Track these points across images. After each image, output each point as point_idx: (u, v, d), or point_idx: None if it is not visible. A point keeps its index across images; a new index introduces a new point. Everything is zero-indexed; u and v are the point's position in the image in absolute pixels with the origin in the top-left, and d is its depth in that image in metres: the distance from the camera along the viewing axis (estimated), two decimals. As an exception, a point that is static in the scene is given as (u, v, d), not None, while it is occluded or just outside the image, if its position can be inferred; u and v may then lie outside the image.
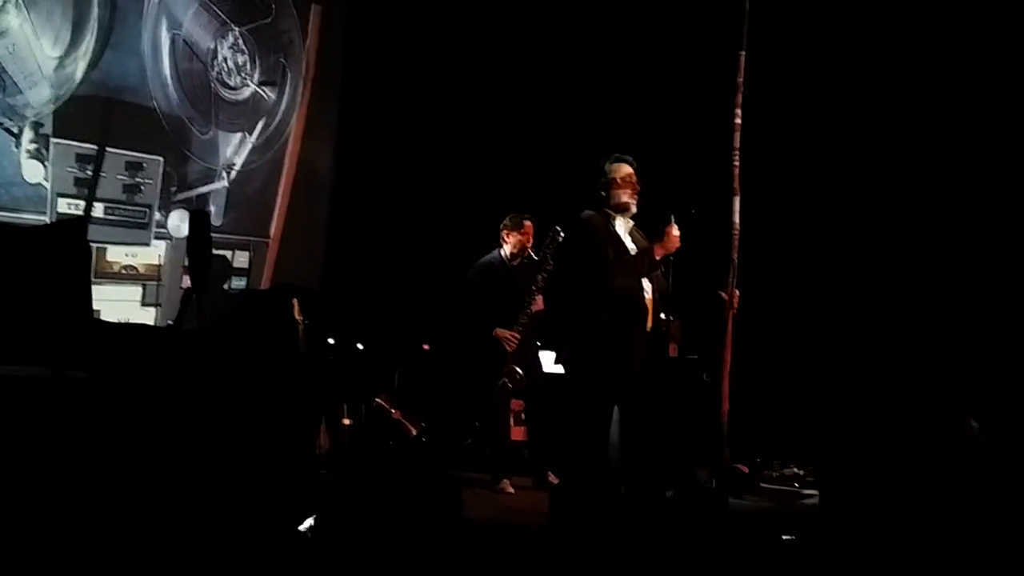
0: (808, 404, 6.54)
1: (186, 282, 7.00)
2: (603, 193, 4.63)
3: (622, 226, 4.66)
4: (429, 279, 7.49)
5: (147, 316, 6.74)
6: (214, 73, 7.19)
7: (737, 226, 4.81)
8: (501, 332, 5.98)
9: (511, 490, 6.00)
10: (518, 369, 6.01)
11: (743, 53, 4.88)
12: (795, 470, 6.48)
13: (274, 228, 7.72)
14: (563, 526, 4.64)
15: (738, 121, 4.86)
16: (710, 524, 4.78)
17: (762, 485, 6.15)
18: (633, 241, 4.68)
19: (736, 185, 4.85)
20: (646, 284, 4.60)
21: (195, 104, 7.06)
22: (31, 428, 2.34)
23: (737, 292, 4.75)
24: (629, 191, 4.61)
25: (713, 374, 5.31)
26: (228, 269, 7.18)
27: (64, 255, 3.94)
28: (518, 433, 6.50)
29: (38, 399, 2.39)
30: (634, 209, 4.66)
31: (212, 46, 7.16)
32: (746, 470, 6.14)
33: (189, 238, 4.16)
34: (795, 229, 6.73)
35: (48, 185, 6.16)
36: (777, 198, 6.36)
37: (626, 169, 4.64)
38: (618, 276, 4.52)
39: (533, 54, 7.59)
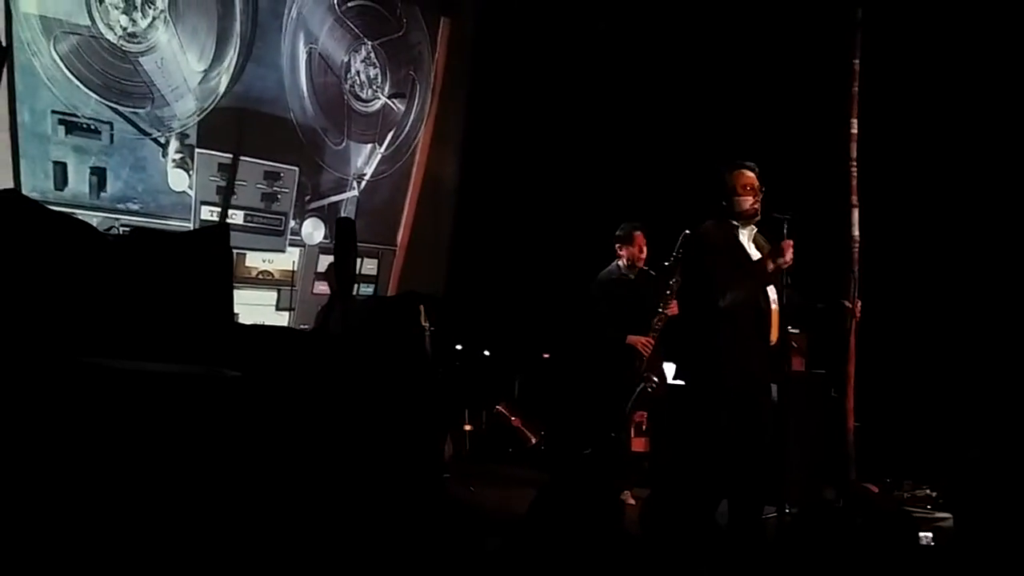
0: (942, 421, 6.33)
1: (317, 288, 7.27)
2: (724, 202, 4.50)
3: (746, 235, 4.55)
4: (550, 288, 7.53)
5: (281, 319, 6.99)
6: (347, 86, 7.42)
7: (857, 238, 4.69)
8: (635, 338, 5.94)
9: (632, 501, 5.97)
10: (654, 377, 5.97)
11: (857, 62, 4.76)
12: (928, 491, 6.27)
13: (401, 236, 7.91)
14: (655, 536, 4.60)
15: (854, 131, 4.75)
16: (836, 544, 4.68)
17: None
18: (757, 248, 4.58)
19: (854, 196, 4.73)
20: (772, 295, 4.49)
21: (329, 116, 7.31)
22: (188, 424, 2.48)
23: (859, 302, 4.62)
24: (751, 198, 4.45)
25: (840, 389, 5.18)
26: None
27: (210, 259, 4.12)
28: (639, 444, 6.46)
29: (195, 395, 2.53)
30: (758, 216, 4.54)
31: (346, 59, 7.40)
32: (875, 490, 5.97)
33: (336, 244, 4.29)
34: (918, 238, 6.52)
35: (192, 193, 6.47)
36: (897, 207, 6.16)
37: (747, 176, 4.49)
38: (737, 290, 4.43)
39: (655, 64, 7.56)
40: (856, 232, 4.69)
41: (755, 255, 4.54)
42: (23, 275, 3.15)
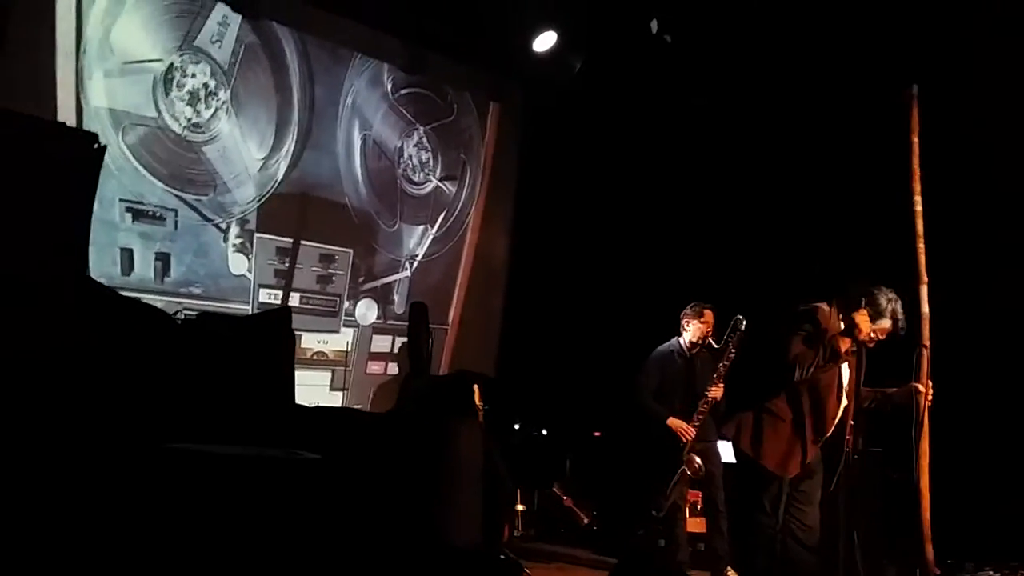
0: (999, 500, 6.21)
1: (371, 368, 7.36)
2: (855, 314, 4.65)
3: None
4: (602, 366, 7.55)
5: (335, 400, 7.07)
6: (400, 170, 7.61)
7: (927, 314, 4.69)
8: (675, 423, 5.97)
9: (690, 583, 5.90)
10: (697, 459, 5.96)
11: (916, 139, 4.81)
12: (991, 573, 6.13)
13: (452, 315, 8.01)
14: None
15: (919, 208, 4.78)
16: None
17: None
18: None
19: (923, 271, 4.75)
20: (845, 380, 4.61)
21: (382, 199, 7.49)
22: (272, 505, 2.53)
23: (931, 384, 4.64)
24: (860, 337, 4.66)
25: (902, 468, 5.13)
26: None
27: (275, 342, 4.23)
28: (695, 524, 6.41)
29: (279, 478, 2.59)
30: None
31: (399, 144, 7.60)
32: (938, 572, 5.85)
33: (410, 326, 4.39)
34: (983, 312, 6.47)
35: (252, 276, 6.62)
36: (964, 282, 6.13)
37: (886, 328, 4.68)
38: (807, 371, 4.54)
39: (710, 144, 7.66)
40: (926, 308, 4.69)
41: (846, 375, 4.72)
42: (104, 361, 3.26)
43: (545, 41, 7.61)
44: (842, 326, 4.67)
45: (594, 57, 7.84)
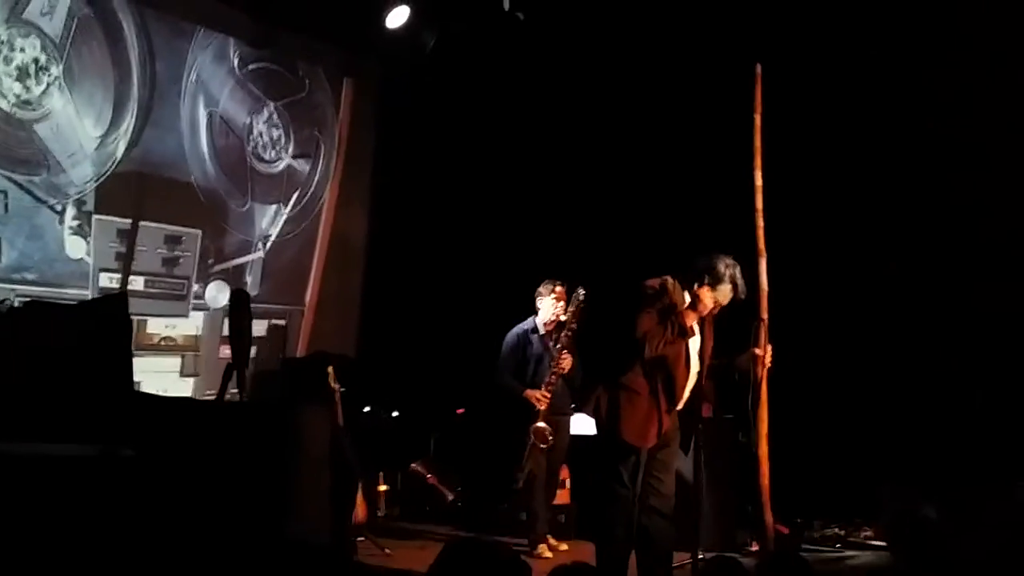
0: (847, 461, 6.49)
1: (223, 352, 7.13)
2: (703, 281, 4.69)
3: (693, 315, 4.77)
4: (463, 344, 7.54)
5: (186, 386, 6.84)
6: (250, 148, 7.37)
7: (765, 286, 4.83)
8: (530, 392, 6.02)
9: (548, 555, 5.96)
10: (544, 426, 5.99)
11: (758, 116, 4.93)
12: (836, 530, 6.42)
13: (309, 296, 7.84)
14: None
15: (759, 183, 4.90)
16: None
17: (803, 547, 6.08)
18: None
19: (761, 246, 4.88)
20: (693, 352, 4.71)
21: (232, 178, 7.24)
22: (79, 507, 2.40)
23: (770, 348, 4.76)
24: (713, 304, 4.71)
25: (748, 434, 5.29)
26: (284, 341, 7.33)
27: (108, 331, 4.03)
28: (561, 497, 6.49)
29: (87, 478, 2.46)
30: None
31: (248, 121, 7.36)
32: (786, 531, 6.08)
33: (230, 315, 4.25)
34: (824, 286, 6.74)
35: (90, 260, 6.31)
36: (803, 256, 6.36)
37: (729, 291, 4.72)
38: (659, 339, 4.63)
39: (561, 120, 7.70)
40: (764, 282, 4.82)
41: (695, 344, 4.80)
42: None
43: (398, 16, 7.48)
44: (687, 299, 4.76)
45: (448, 33, 7.76)
